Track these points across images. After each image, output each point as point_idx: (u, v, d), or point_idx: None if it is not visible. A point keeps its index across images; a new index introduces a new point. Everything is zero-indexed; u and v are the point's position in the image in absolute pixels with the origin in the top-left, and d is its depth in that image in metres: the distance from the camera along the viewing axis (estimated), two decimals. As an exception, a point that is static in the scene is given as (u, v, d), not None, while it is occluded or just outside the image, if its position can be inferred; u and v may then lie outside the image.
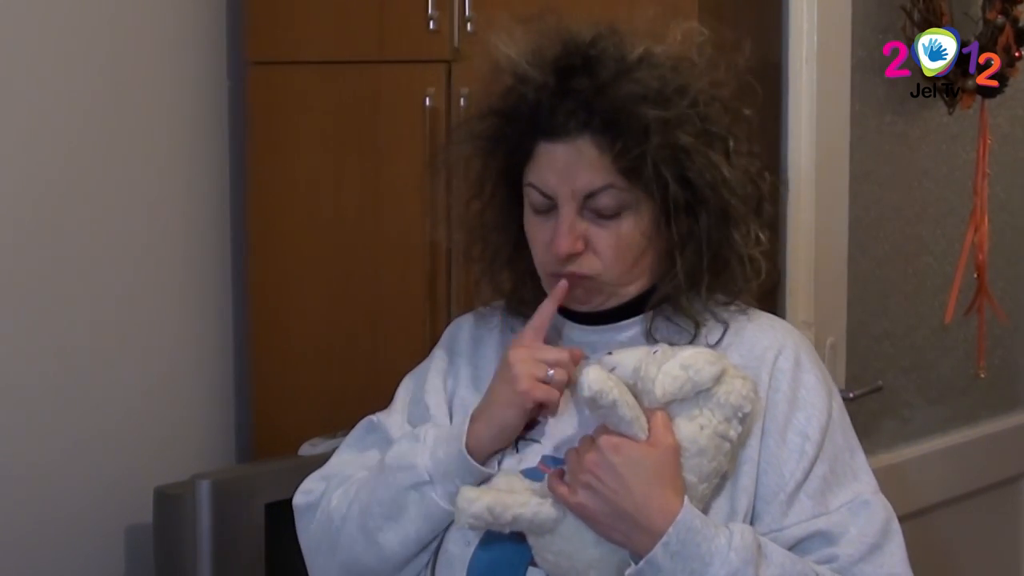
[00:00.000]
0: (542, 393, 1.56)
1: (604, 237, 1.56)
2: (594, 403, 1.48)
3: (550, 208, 1.57)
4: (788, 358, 1.59)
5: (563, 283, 1.58)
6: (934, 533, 2.90)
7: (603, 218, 1.55)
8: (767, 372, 1.57)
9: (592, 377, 1.48)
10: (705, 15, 2.31)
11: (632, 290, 1.61)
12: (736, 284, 1.62)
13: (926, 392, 2.96)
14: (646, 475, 1.46)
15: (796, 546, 1.52)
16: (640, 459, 1.46)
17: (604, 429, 1.50)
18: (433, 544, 1.61)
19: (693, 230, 1.57)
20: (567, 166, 1.54)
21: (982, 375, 2.95)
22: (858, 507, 1.54)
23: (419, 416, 1.70)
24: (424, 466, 1.57)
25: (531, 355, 1.56)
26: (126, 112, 2.72)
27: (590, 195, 1.54)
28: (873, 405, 2.72)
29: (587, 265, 1.57)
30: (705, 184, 1.55)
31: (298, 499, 1.72)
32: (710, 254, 1.58)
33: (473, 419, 1.58)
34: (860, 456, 1.60)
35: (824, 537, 1.52)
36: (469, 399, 1.66)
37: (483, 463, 1.57)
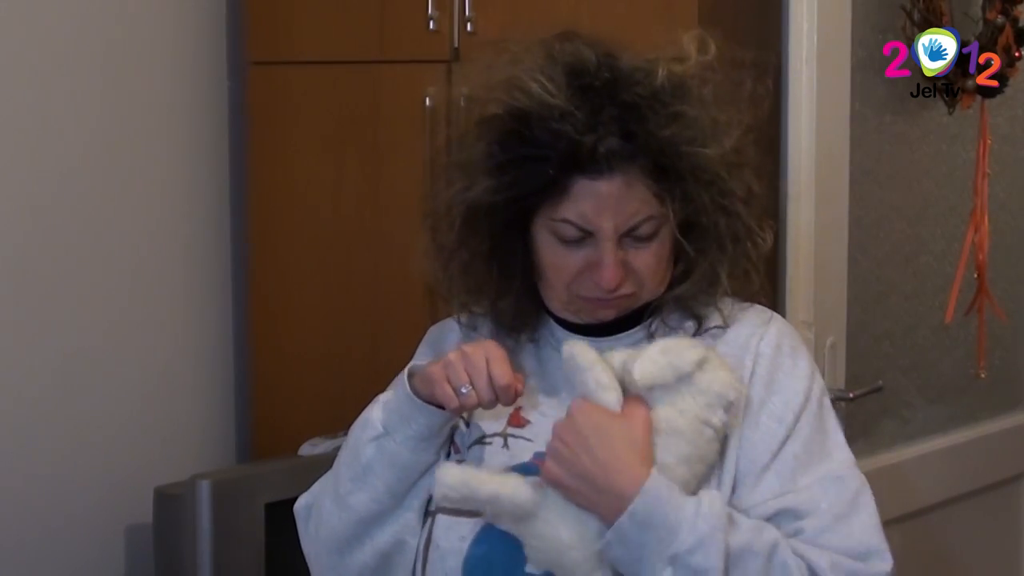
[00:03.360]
0: (443, 397, 1.53)
1: (642, 258, 1.56)
2: (570, 362, 1.50)
3: (582, 239, 1.55)
4: (769, 343, 1.60)
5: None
6: (934, 533, 2.90)
7: (640, 242, 1.56)
8: (750, 357, 1.58)
9: (573, 342, 1.51)
10: (704, 16, 2.31)
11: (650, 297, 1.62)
12: (752, 283, 1.63)
13: (926, 392, 2.96)
14: (610, 440, 1.46)
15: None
16: (607, 424, 1.47)
17: (581, 399, 1.51)
18: (410, 514, 1.60)
19: (710, 236, 1.59)
20: (609, 202, 1.52)
21: (982, 375, 2.95)
22: (828, 482, 1.53)
23: None
24: (377, 418, 1.58)
25: (471, 362, 1.52)
26: (126, 112, 2.72)
27: (632, 227, 1.54)
28: (873, 405, 2.72)
29: (627, 288, 1.57)
30: (724, 198, 1.58)
31: (298, 504, 1.72)
32: (728, 259, 1.59)
33: (411, 374, 1.58)
34: (837, 436, 1.59)
35: (792, 514, 1.51)
36: None
37: None
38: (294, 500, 1.74)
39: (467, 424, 1.63)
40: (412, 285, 2.62)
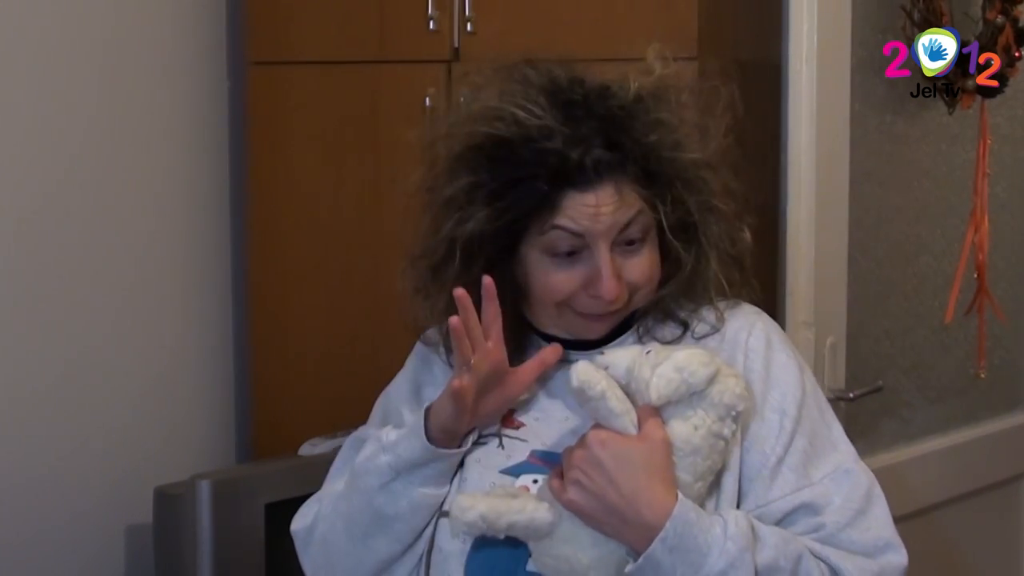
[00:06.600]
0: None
1: (636, 266, 1.57)
2: (582, 394, 1.49)
3: (575, 251, 1.55)
4: (759, 338, 1.61)
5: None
6: (934, 533, 2.90)
7: (631, 247, 1.56)
8: (741, 353, 1.60)
9: (580, 368, 1.49)
10: (704, 16, 2.31)
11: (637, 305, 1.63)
12: (736, 280, 1.64)
13: (926, 392, 2.96)
14: (633, 469, 1.46)
15: (783, 519, 1.53)
16: (627, 453, 1.47)
17: (596, 427, 1.51)
18: (428, 532, 1.61)
19: (697, 236, 1.61)
20: (600, 208, 1.53)
21: (982, 375, 2.95)
22: (840, 476, 1.55)
23: (396, 425, 1.69)
24: (388, 463, 1.58)
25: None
26: (126, 113, 2.72)
27: (623, 227, 1.55)
28: (873, 405, 2.72)
29: (623, 299, 1.58)
30: (710, 198, 1.60)
31: (295, 524, 1.72)
32: (716, 257, 1.61)
33: (432, 412, 1.58)
34: (837, 428, 1.62)
35: (809, 508, 1.53)
36: None
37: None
38: (294, 500, 1.74)
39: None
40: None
